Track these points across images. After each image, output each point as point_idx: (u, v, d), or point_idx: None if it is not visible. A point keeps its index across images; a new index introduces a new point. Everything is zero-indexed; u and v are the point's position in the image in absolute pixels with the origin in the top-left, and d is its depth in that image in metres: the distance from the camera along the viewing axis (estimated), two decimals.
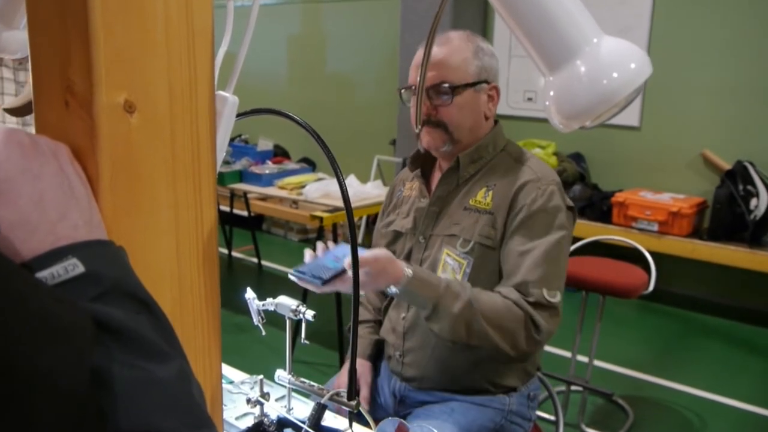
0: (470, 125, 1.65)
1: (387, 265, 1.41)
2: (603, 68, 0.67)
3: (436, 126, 1.63)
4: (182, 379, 0.46)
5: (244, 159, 4.61)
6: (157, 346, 0.46)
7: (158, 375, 0.44)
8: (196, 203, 0.58)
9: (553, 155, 4.97)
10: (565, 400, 3.17)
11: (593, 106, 0.68)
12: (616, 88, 0.67)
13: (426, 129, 1.65)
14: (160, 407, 0.43)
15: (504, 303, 1.51)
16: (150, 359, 0.44)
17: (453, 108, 1.62)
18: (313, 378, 1.83)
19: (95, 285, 0.45)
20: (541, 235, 1.56)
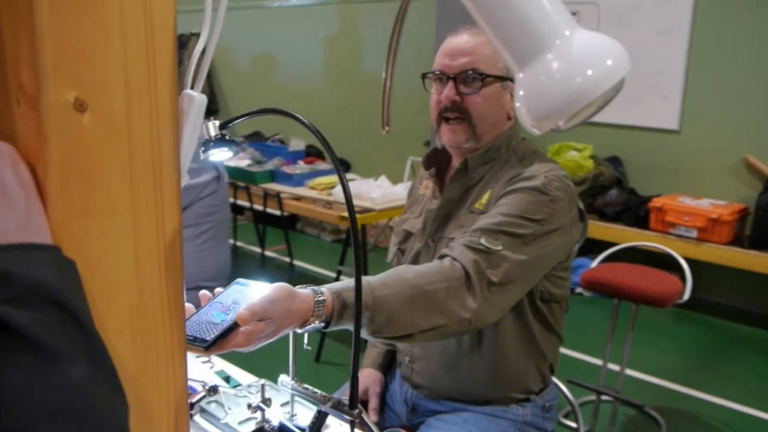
0: (493, 120, 1.58)
1: (288, 301, 1.11)
2: (576, 64, 0.62)
3: (459, 118, 1.55)
4: (85, 390, 0.44)
5: (276, 159, 4.62)
6: (62, 353, 0.44)
7: (55, 382, 0.42)
8: (157, 206, 0.56)
9: (589, 158, 4.87)
10: (595, 410, 3.10)
11: (565, 106, 0.62)
12: (590, 86, 0.62)
13: (447, 126, 1.58)
14: (49, 414, 0.41)
15: (437, 264, 1.35)
16: (51, 365, 0.42)
17: (480, 98, 1.54)
18: (339, 380, 1.82)
19: (6, 287, 0.43)
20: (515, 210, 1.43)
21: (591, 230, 4.51)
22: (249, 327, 1.04)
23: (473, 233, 1.40)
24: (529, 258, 1.40)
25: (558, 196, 1.46)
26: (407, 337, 1.27)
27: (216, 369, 1.60)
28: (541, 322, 1.61)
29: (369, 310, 1.20)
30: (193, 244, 2.45)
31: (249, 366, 1.63)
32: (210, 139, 1.27)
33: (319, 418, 1.16)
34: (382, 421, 1.79)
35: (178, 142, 0.56)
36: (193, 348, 1.03)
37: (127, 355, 0.56)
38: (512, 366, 1.60)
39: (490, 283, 1.34)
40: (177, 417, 0.60)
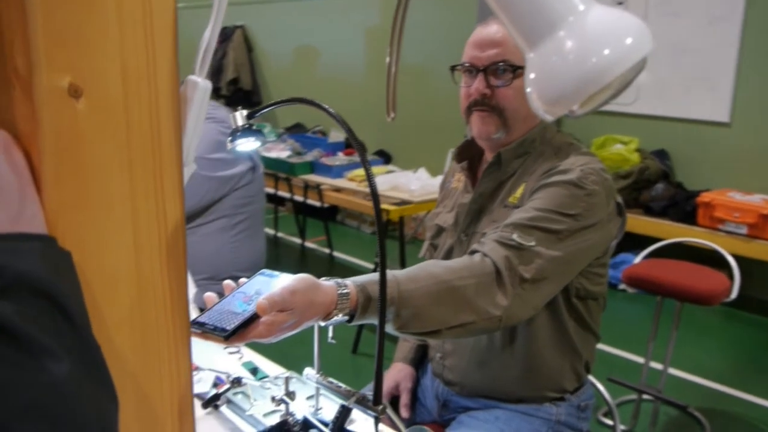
0: (525, 113, 1.51)
1: (310, 293, 1.08)
2: (591, 42, 0.57)
3: (490, 110, 1.50)
4: (67, 388, 0.42)
5: (315, 150, 4.63)
6: (45, 348, 0.42)
7: (35, 378, 0.41)
8: (157, 195, 0.54)
9: (635, 152, 4.75)
10: (636, 409, 3.02)
11: (580, 88, 0.57)
12: (606, 67, 0.56)
13: (478, 114, 1.52)
14: (26, 412, 0.39)
15: (467, 260, 1.32)
16: (32, 360, 0.41)
17: (512, 91, 1.49)
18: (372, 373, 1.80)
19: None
20: (549, 204, 1.38)
21: (635, 225, 4.44)
22: (269, 317, 1.03)
23: (505, 228, 1.36)
24: (564, 254, 1.36)
25: (595, 190, 1.41)
26: (434, 333, 1.25)
27: (244, 360, 1.59)
28: (577, 319, 1.56)
29: (394, 304, 1.18)
30: (228, 235, 2.45)
31: (280, 358, 1.62)
32: (237, 128, 1.27)
33: (342, 413, 1.14)
34: (413, 416, 1.77)
35: (180, 130, 0.55)
36: (213, 337, 1.02)
37: (127, 348, 0.54)
38: (546, 364, 1.56)
39: (523, 280, 1.30)
40: (181, 412, 0.58)
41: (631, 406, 3.08)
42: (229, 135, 1.31)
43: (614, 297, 4.57)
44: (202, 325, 1.04)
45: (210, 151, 2.31)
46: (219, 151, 2.32)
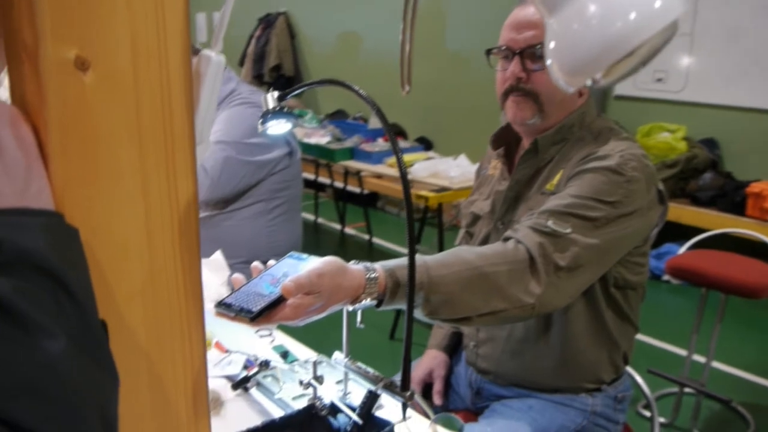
0: (563, 98, 1.47)
1: (338, 276, 1.07)
2: (616, 5, 0.53)
3: (525, 95, 1.46)
4: (63, 367, 0.41)
5: (355, 136, 4.62)
6: (42, 325, 0.41)
7: (29, 356, 0.40)
8: (168, 172, 0.53)
9: (682, 140, 4.63)
10: (677, 402, 2.95)
11: (602, 55, 0.54)
12: (632, 32, 0.53)
13: (513, 99, 1.48)
14: (18, 390, 0.39)
15: (499, 246, 1.29)
16: (27, 337, 0.40)
17: (547, 75, 1.46)
18: (412, 358, 1.79)
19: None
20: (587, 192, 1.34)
21: (681, 215, 4.33)
22: (296, 300, 1.02)
23: (540, 215, 1.32)
24: (601, 242, 1.32)
25: (635, 177, 1.37)
26: (465, 320, 1.23)
27: (275, 343, 1.60)
28: (615, 310, 1.52)
29: (424, 289, 1.16)
30: (265, 219, 2.46)
31: (312, 342, 1.62)
32: (268, 110, 1.26)
33: (370, 398, 1.13)
34: (446, 403, 1.75)
35: (192, 105, 0.53)
36: (239, 319, 1.02)
37: (139, 326, 0.54)
38: (582, 354, 1.52)
39: (557, 268, 1.27)
40: (195, 394, 0.58)
41: (672, 399, 3.01)
42: (260, 117, 1.31)
43: (657, 288, 4.47)
44: (228, 307, 1.04)
45: (247, 135, 2.31)
46: (256, 136, 2.32)
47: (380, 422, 1.14)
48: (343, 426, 1.17)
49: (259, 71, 7.54)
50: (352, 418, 1.12)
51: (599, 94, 5.06)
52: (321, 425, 1.18)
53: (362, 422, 1.11)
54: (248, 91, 2.46)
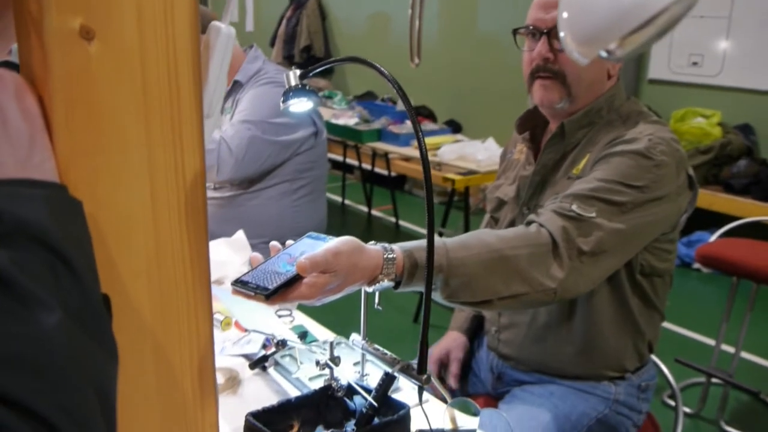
0: (590, 80, 1.44)
1: (354, 256, 1.06)
2: None
3: (553, 77, 1.43)
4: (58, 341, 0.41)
5: (383, 118, 4.60)
6: (38, 298, 0.41)
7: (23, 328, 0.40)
8: (175, 146, 0.52)
9: (717, 125, 4.53)
10: (704, 393, 2.91)
11: (616, 22, 0.51)
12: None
13: (540, 82, 1.45)
14: (8, 362, 0.38)
15: (521, 230, 1.27)
16: (22, 309, 0.40)
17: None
18: (435, 341, 1.78)
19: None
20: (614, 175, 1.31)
21: (714, 203, 4.25)
22: (312, 279, 1.01)
23: (564, 199, 1.30)
24: (627, 227, 1.29)
25: (663, 161, 1.33)
26: (485, 304, 1.21)
27: (295, 324, 1.59)
28: (641, 297, 1.49)
29: (443, 272, 1.14)
30: (290, 199, 2.46)
31: (331, 323, 1.62)
32: (290, 88, 1.24)
33: (386, 380, 1.12)
34: (465, 387, 1.74)
35: (200, 77, 0.52)
36: (255, 297, 1.01)
37: (144, 302, 0.53)
38: (606, 342, 1.50)
39: (581, 252, 1.24)
40: (201, 373, 0.57)
41: (699, 389, 2.97)
42: (282, 95, 1.29)
43: (687, 276, 4.40)
44: (244, 284, 1.03)
45: (273, 115, 2.31)
46: (282, 116, 2.32)
47: (396, 404, 1.13)
48: (359, 407, 1.16)
49: (289, 52, 7.54)
50: (368, 399, 1.11)
51: (632, 77, 4.97)
52: (337, 406, 1.18)
53: (378, 404, 1.10)
54: (275, 70, 2.45)
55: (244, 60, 2.44)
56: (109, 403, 0.45)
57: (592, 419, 1.50)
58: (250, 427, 1.08)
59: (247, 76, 2.41)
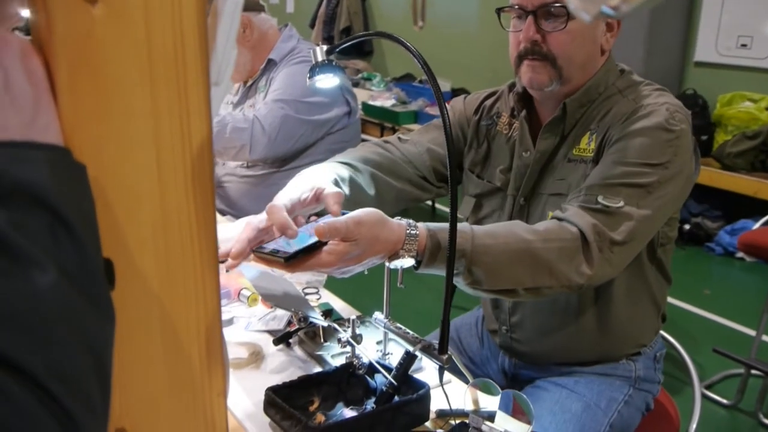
0: (583, 60, 1.36)
1: (376, 227, 1.03)
2: None
3: (542, 59, 1.34)
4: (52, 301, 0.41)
5: (420, 99, 4.57)
6: (34, 258, 0.41)
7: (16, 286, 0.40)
8: (182, 112, 0.51)
9: (765, 110, 4.39)
10: (742, 384, 2.84)
11: None
12: None
13: (528, 62, 1.36)
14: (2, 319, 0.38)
15: (551, 224, 1.22)
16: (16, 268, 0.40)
17: (566, 36, 1.31)
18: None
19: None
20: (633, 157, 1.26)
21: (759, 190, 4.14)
22: (332, 246, 1.01)
23: (589, 191, 1.25)
24: (653, 211, 1.25)
25: (683, 130, 1.29)
26: (509, 293, 1.18)
27: (321, 301, 1.60)
28: (658, 268, 1.46)
29: (465, 257, 1.12)
30: None
31: (356, 301, 1.62)
32: (316, 63, 1.24)
33: (407, 359, 1.12)
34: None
35: (207, 44, 0.52)
36: (273, 262, 1.02)
37: (150, 271, 0.53)
38: (625, 319, 1.46)
39: (613, 243, 1.21)
40: (209, 339, 0.57)
41: (738, 380, 2.90)
42: (309, 71, 1.29)
43: (730, 265, 4.30)
44: (264, 249, 1.04)
45: (306, 94, 2.31)
46: (315, 95, 2.32)
47: (416, 384, 1.12)
48: (380, 386, 1.16)
49: (329, 33, 7.52)
50: (388, 378, 1.11)
51: (678, 59, 4.83)
52: (358, 383, 1.18)
53: (398, 383, 1.10)
54: (309, 49, 2.44)
55: (278, 39, 2.45)
56: (104, 365, 0.45)
57: (620, 403, 1.48)
58: (270, 401, 1.09)
59: (281, 55, 2.41)
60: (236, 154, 2.30)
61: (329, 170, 1.31)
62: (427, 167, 1.52)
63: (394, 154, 1.50)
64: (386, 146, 1.52)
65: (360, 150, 1.49)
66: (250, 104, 2.46)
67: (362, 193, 1.39)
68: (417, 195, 1.53)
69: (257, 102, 2.41)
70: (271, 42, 2.43)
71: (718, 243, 4.39)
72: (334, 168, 1.34)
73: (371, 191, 1.41)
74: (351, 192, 1.33)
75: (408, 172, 1.50)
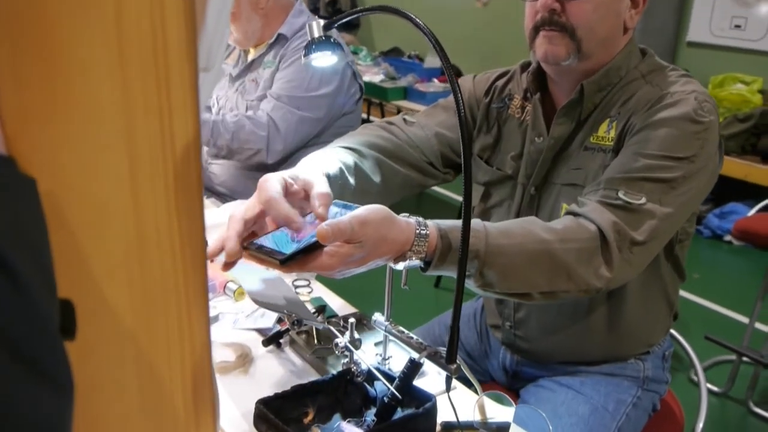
0: (605, 35, 1.25)
1: (383, 227, 0.95)
2: None
3: (560, 29, 1.23)
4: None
5: (409, 75, 4.45)
6: None
7: None
8: (161, 107, 0.40)
9: (757, 93, 4.33)
10: (733, 372, 2.80)
11: None
12: None
13: (544, 33, 1.25)
14: None
15: (568, 221, 1.13)
16: None
17: (587, 5, 1.21)
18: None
19: None
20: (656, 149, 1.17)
21: (750, 173, 4.08)
22: (334, 248, 0.91)
23: (608, 184, 1.15)
24: (676, 208, 1.16)
25: (711, 122, 1.19)
26: (523, 296, 1.09)
27: (313, 295, 1.50)
28: (674, 264, 1.38)
29: (478, 259, 1.02)
30: None
31: (352, 296, 1.52)
32: (313, 40, 1.12)
33: (411, 368, 1.02)
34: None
35: (194, 21, 0.41)
36: (268, 261, 0.91)
37: (123, 307, 0.42)
38: (636, 318, 1.38)
39: (633, 243, 1.11)
40: (196, 383, 0.46)
41: (729, 367, 2.86)
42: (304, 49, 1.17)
43: (718, 249, 4.25)
44: (257, 247, 0.93)
45: (320, 85, 2.18)
46: (329, 83, 2.20)
47: (421, 395, 1.03)
48: (380, 394, 1.07)
49: (314, 5, 7.34)
50: (391, 389, 1.01)
51: (671, 40, 4.75)
52: (356, 392, 1.08)
53: (401, 395, 1.00)
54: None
55: (290, 13, 2.30)
56: None
57: (628, 406, 1.40)
58: (260, 415, 0.99)
59: (292, 31, 2.27)
60: (251, 157, 2.18)
61: (333, 158, 1.21)
62: (434, 152, 1.42)
63: (400, 138, 1.40)
64: (391, 128, 1.42)
65: (364, 134, 1.38)
66: (251, 78, 2.31)
67: (368, 181, 1.29)
68: (422, 181, 1.43)
69: (261, 77, 2.27)
70: (285, 13, 2.28)
71: (706, 226, 4.35)
72: (338, 155, 1.24)
73: (377, 178, 1.30)
74: (356, 180, 1.24)
75: (414, 157, 1.40)
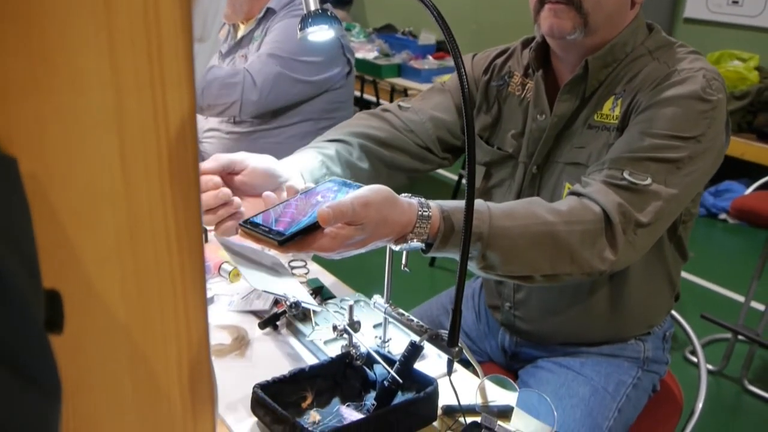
0: (612, 9, 1.22)
1: (385, 208, 0.93)
2: None
3: (566, 2, 1.20)
4: None
5: (404, 52, 4.39)
6: None
7: None
8: (153, 81, 0.36)
9: (754, 70, 4.29)
10: (729, 350, 2.80)
11: None
12: None
13: (550, 6, 1.21)
14: None
15: (573, 201, 1.11)
16: None
17: None
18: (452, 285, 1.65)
19: None
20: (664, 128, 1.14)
21: (746, 151, 4.06)
22: (335, 229, 0.89)
23: (613, 164, 1.12)
24: (681, 189, 1.13)
25: (719, 100, 1.16)
26: (525, 279, 1.07)
27: (310, 276, 1.47)
28: (677, 245, 1.36)
29: (481, 241, 1.00)
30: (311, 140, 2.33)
31: (349, 277, 1.49)
32: (309, 14, 1.09)
33: (412, 352, 1.00)
34: None
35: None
36: (266, 241, 0.89)
37: (114, 298, 0.39)
38: (638, 299, 1.36)
39: (638, 225, 1.09)
40: (193, 378, 0.44)
41: (724, 345, 2.86)
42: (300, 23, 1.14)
43: (713, 227, 4.25)
44: (255, 226, 0.91)
45: (304, 52, 2.14)
46: (313, 54, 2.15)
47: (422, 379, 1.01)
48: (379, 377, 1.05)
49: None
50: (391, 373, 0.99)
51: (667, 15, 4.70)
52: (355, 376, 1.06)
53: (401, 379, 0.98)
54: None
55: None
56: None
57: (628, 387, 1.39)
58: (258, 400, 0.97)
59: (281, 4, 2.22)
60: (224, 111, 2.14)
61: (311, 153, 1.22)
62: (430, 136, 1.39)
63: (395, 125, 1.38)
64: (385, 116, 1.39)
65: (352, 124, 1.35)
66: (241, 54, 2.28)
67: (356, 169, 1.27)
68: (417, 167, 1.40)
69: (250, 53, 2.23)
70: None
71: (701, 204, 4.34)
72: (318, 149, 1.24)
73: (364, 165, 1.28)
74: (343, 169, 1.24)
75: (409, 143, 1.38)
